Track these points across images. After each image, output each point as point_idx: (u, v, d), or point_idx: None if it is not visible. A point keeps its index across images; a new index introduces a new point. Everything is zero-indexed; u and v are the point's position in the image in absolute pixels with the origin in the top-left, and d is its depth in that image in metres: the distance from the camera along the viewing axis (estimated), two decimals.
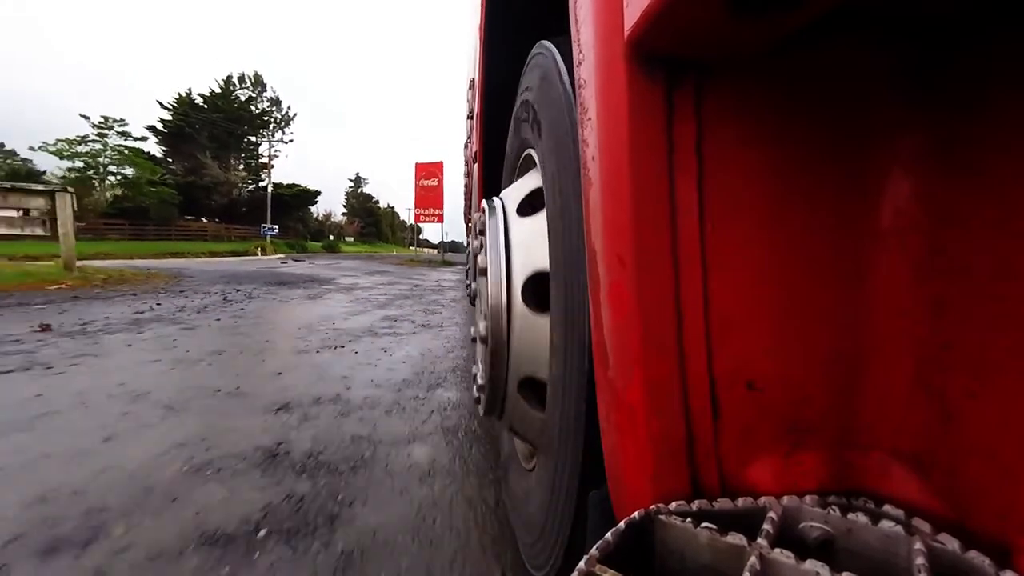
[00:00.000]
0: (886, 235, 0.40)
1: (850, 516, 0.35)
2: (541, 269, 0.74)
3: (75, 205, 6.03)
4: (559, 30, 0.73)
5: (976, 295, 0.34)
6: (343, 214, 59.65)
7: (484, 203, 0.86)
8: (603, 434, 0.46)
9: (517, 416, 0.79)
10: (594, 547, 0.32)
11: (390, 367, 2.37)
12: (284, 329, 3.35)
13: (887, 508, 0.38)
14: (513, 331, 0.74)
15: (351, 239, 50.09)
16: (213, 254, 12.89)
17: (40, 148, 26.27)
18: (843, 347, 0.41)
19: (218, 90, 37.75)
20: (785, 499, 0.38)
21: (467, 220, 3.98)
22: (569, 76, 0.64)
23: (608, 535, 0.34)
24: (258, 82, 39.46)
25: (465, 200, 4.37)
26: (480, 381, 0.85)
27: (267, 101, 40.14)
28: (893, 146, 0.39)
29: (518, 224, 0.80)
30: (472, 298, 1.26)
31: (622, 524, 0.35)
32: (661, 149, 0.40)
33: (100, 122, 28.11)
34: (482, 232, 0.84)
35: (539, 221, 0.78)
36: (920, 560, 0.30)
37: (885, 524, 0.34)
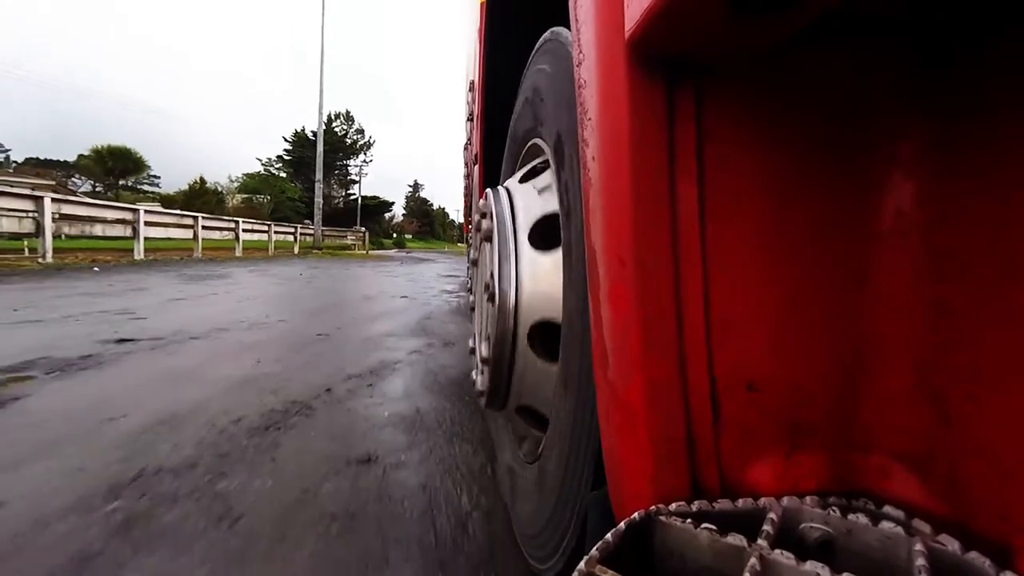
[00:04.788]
0: (886, 236, 0.40)
1: (850, 517, 0.35)
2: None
3: (367, 234, 24.82)
4: None
5: (976, 296, 0.34)
6: (403, 215, 71.49)
7: (488, 191, 0.88)
8: (603, 435, 0.46)
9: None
10: (594, 548, 0.32)
11: (461, 267, 10.91)
12: (429, 270, 9.69)
13: (887, 509, 0.38)
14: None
15: (410, 236, 59.64)
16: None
17: (234, 180, 44.65)
18: (843, 348, 0.41)
19: (324, 126, 46.24)
20: (785, 500, 0.38)
21: (467, 222, 3.98)
22: None
23: (608, 536, 0.34)
24: (348, 118, 52.73)
25: (465, 202, 4.37)
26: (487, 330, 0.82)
27: (354, 132, 52.28)
28: (893, 146, 0.39)
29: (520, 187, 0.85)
30: (471, 309, 1.26)
31: (622, 525, 0.35)
32: (661, 149, 0.40)
33: (265, 161, 46.71)
34: (485, 215, 0.87)
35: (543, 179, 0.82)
36: (920, 561, 0.30)
37: (885, 525, 0.34)
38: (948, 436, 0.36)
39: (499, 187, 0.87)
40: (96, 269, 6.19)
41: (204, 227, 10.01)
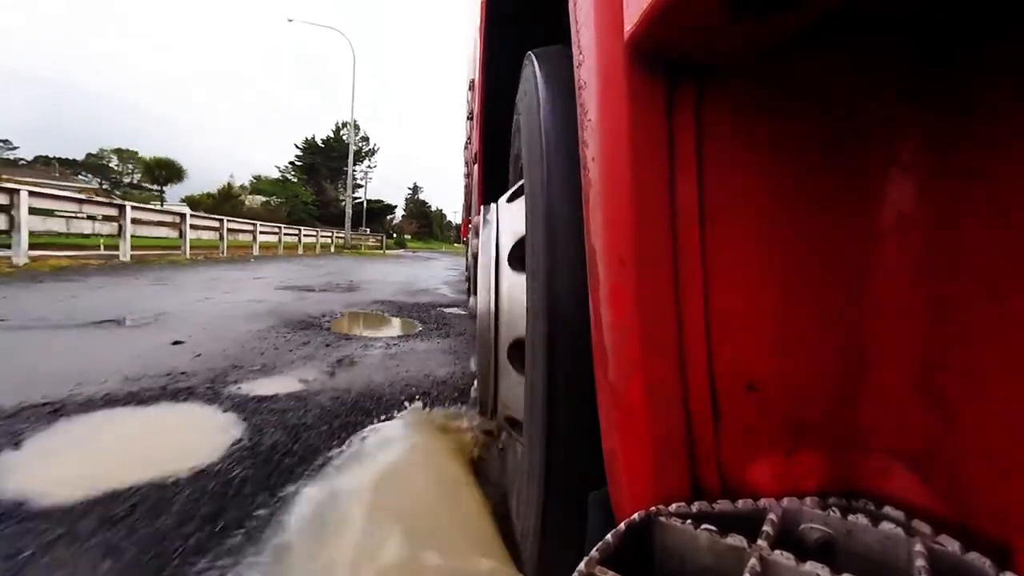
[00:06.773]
0: (886, 235, 0.40)
1: (850, 517, 0.35)
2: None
3: (384, 237, 31.69)
4: (559, 30, 0.73)
5: (976, 295, 0.34)
6: (403, 216, 74.58)
7: (482, 207, 0.89)
8: (603, 435, 0.46)
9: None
10: (594, 549, 0.32)
11: (459, 263, 12.75)
12: (437, 264, 13.11)
13: (887, 509, 0.38)
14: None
15: (409, 237, 62.43)
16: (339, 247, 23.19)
17: (253, 183, 49.47)
18: (843, 348, 0.41)
19: (331, 135, 54.75)
20: (785, 500, 0.38)
21: (467, 221, 3.98)
22: (545, 83, 0.68)
23: (608, 537, 0.34)
24: (356, 127, 56.62)
25: (465, 201, 4.37)
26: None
27: (360, 140, 57.15)
28: (893, 146, 0.39)
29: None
30: (472, 316, 1.33)
31: (622, 526, 0.35)
32: (661, 150, 0.40)
33: (283, 168, 52.24)
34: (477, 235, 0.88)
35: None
36: (920, 562, 0.30)
37: (885, 525, 0.34)
38: (948, 436, 0.36)
39: (491, 204, 0.89)
40: (251, 260, 9.43)
41: (285, 233, 15.52)
